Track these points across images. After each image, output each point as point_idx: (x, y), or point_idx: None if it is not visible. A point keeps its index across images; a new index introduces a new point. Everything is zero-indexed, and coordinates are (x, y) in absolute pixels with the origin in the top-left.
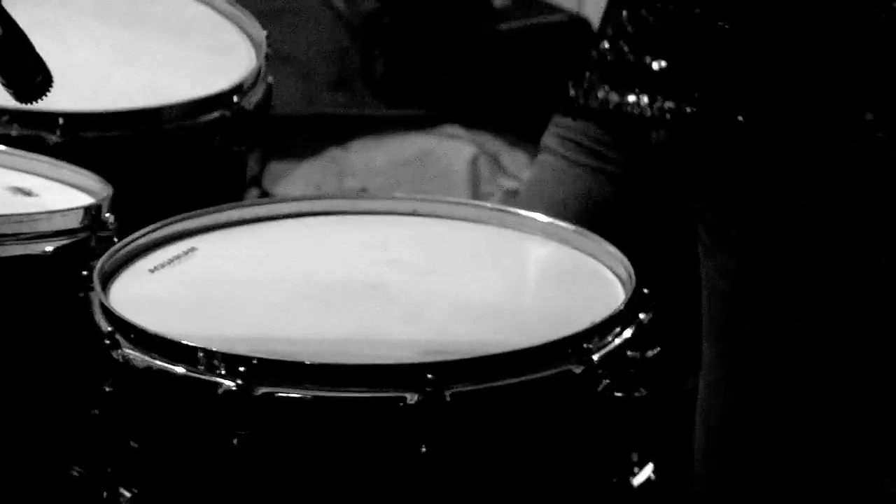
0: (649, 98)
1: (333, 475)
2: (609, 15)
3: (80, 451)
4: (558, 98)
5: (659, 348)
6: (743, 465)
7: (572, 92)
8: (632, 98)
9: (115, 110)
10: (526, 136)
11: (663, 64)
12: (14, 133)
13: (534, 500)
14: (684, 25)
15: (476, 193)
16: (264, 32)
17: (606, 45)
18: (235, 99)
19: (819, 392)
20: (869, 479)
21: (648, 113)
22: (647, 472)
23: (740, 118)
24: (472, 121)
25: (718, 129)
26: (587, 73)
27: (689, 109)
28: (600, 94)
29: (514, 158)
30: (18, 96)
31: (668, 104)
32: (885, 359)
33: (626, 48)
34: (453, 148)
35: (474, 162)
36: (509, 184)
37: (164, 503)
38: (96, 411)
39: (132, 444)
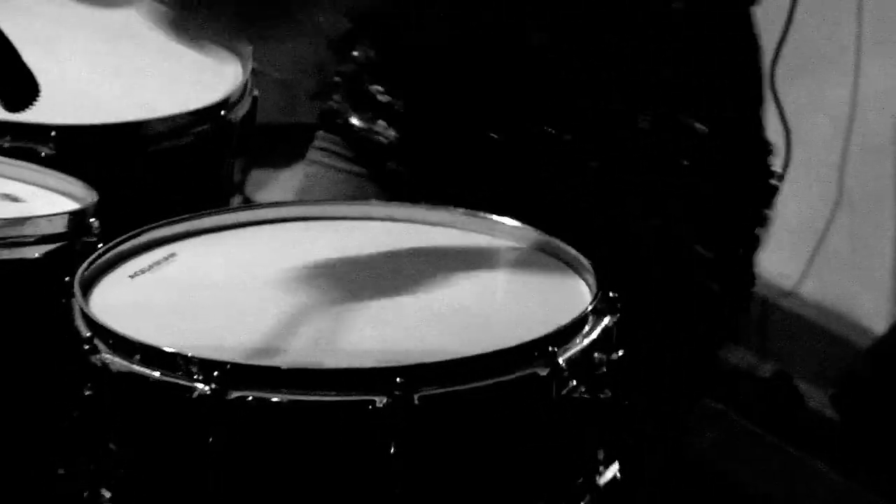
0: (385, 126)
1: (305, 476)
2: (350, 43)
3: (62, 452)
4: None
5: (623, 351)
6: None
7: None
8: (366, 124)
9: (106, 123)
10: None
11: (388, 98)
12: (6, 145)
13: (501, 499)
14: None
15: None
16: (250, 48)
17: (347, 71)
18: (223, 112)
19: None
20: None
21: (385, 141)
22: (613, 470)
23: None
24: None
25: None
26: (334, 95)
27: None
28: (349, 118)
29: None
30: (7, 105)
31: (394, 133)
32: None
33: (364, 77)
34: None
35: None
36: None
37: (140, 501)
38: (76, 414)
39: (111, 445)
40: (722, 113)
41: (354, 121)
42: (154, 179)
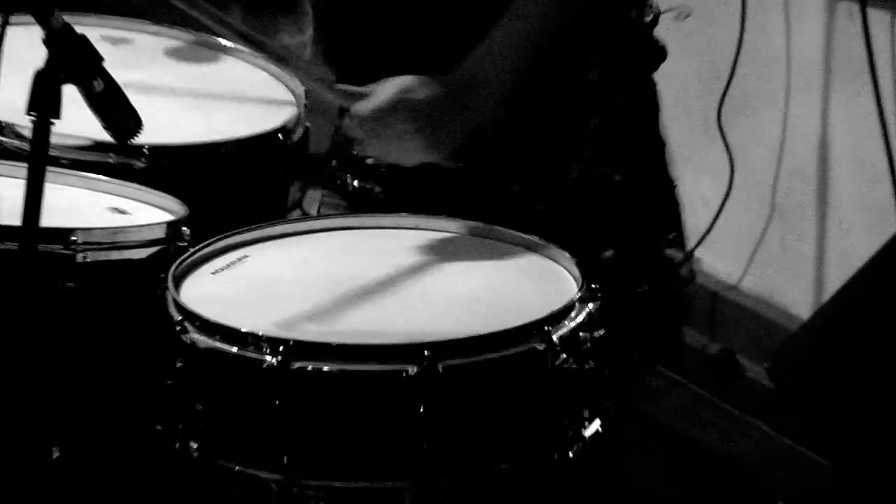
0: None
1: (351, 430)
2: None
3: (160, 412)
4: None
5: (604, 330)
6: None
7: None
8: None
9: (186, 143)
10: None
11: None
12: (112, 161)
13: (508, 448)
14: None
15: None
16: (303, 89)
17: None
18: (280, 137)
19: None
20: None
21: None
22: (596, 425)
23: None
24: None
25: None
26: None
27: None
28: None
29: None
30: (116, 136)
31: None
32: None
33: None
34: None
35: None
36: None
37: (222, 453)
38: (170, 382)
39: (198, 406)
40: (632, 162)
41: (351, 181)
42: (226, 192)
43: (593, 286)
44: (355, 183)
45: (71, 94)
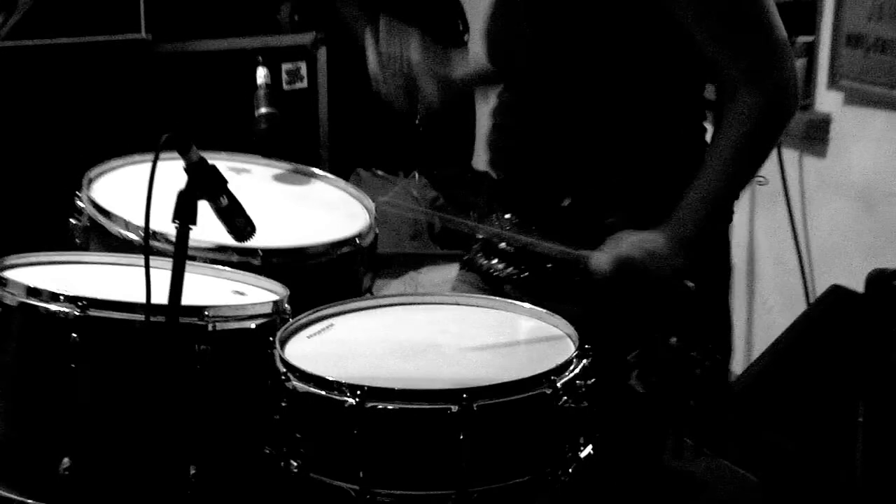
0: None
1: (409, 452)
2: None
3: (269, 439)
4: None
5: (595, 379)
6: None
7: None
8: (494, 262)
9: (289, 247)
10: None
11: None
12: (234, 259)
13: (523, 466)
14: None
15: None
16: (373, 205)
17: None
18: (357, 241)
19: None
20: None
21: (503, 274)
22: (588, 449)
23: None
24: None
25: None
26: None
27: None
28: (480, 261)
29: None
30: (237, 238)
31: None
32: None
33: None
34: None
35: None
36: None
37: (315, 469)
38: (277, 417)
39: (297, 435)
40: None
41: (495, 264)
42: (318, 280)
43: (586, 346)
44: (493, 266)
45: (204, 208)
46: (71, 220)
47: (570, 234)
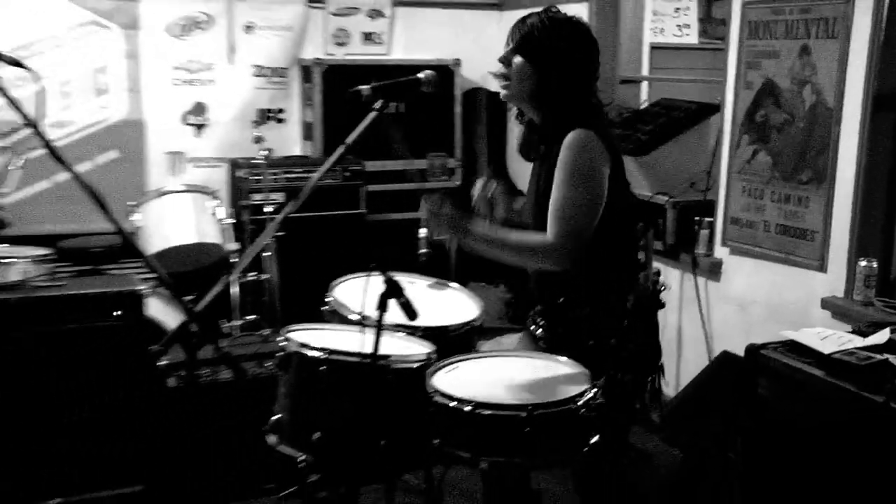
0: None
1: (500, 438)
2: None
3: (430, 432)
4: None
5: (603, 400)
6: None
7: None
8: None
9: (436, 325)
10: None
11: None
12: (407, 332)
13: (560, 448)
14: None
15: None
16: (484, 308)
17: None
18: (474, 322)
19: None
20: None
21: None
22: (595, 437)
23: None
24: None
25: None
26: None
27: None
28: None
29: None
30: (409, 318)
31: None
32: None
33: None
34: None
35: None
36: None
37: (451, 446)
38: (426, 419)
39: (436, 427)
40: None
41: (535, 330)
42: (452, 343)
43: (595, 381)
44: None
45: (392, 303)
46: (323, 308)
47: (564, 315)
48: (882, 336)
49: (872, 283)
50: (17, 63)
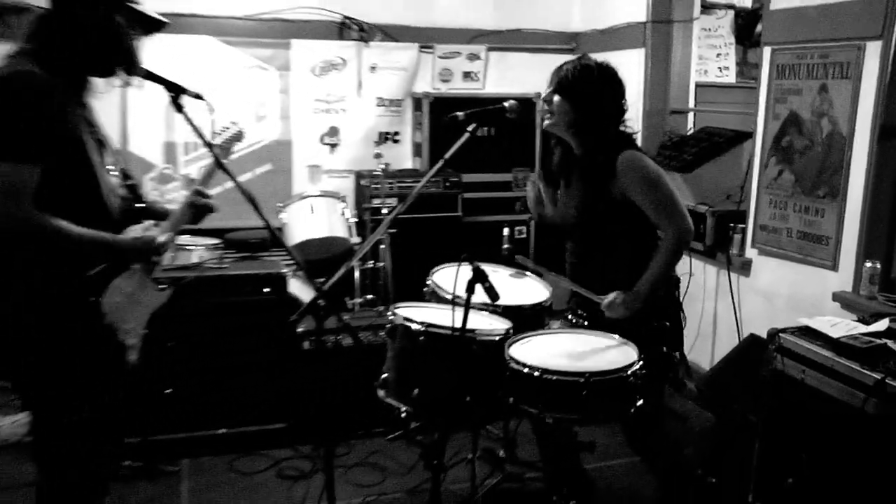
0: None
1: (563, 398)
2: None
3: (502, 389)
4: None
5: (646, 371)
6: None
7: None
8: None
9: (514, 304)
10: None
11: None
12: (489, 310)
13: (613, 407)
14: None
15: None
16: (551, 290)
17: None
18: (544, 303)
19: None
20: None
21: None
22: (640, 401)
23: None
24: None
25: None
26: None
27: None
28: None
29: None
30: (491, 300)
31: None
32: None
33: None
34: None
35: None
36: None
37: (519, 402)
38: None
39: (510, 389)
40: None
41: (571, 318)
42: (526, 320)
43: (641, 353)
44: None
45: (479, 287)
46: (424, 289)
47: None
48: (882, 325)
49: (876, 281)
50: (198, 97)
